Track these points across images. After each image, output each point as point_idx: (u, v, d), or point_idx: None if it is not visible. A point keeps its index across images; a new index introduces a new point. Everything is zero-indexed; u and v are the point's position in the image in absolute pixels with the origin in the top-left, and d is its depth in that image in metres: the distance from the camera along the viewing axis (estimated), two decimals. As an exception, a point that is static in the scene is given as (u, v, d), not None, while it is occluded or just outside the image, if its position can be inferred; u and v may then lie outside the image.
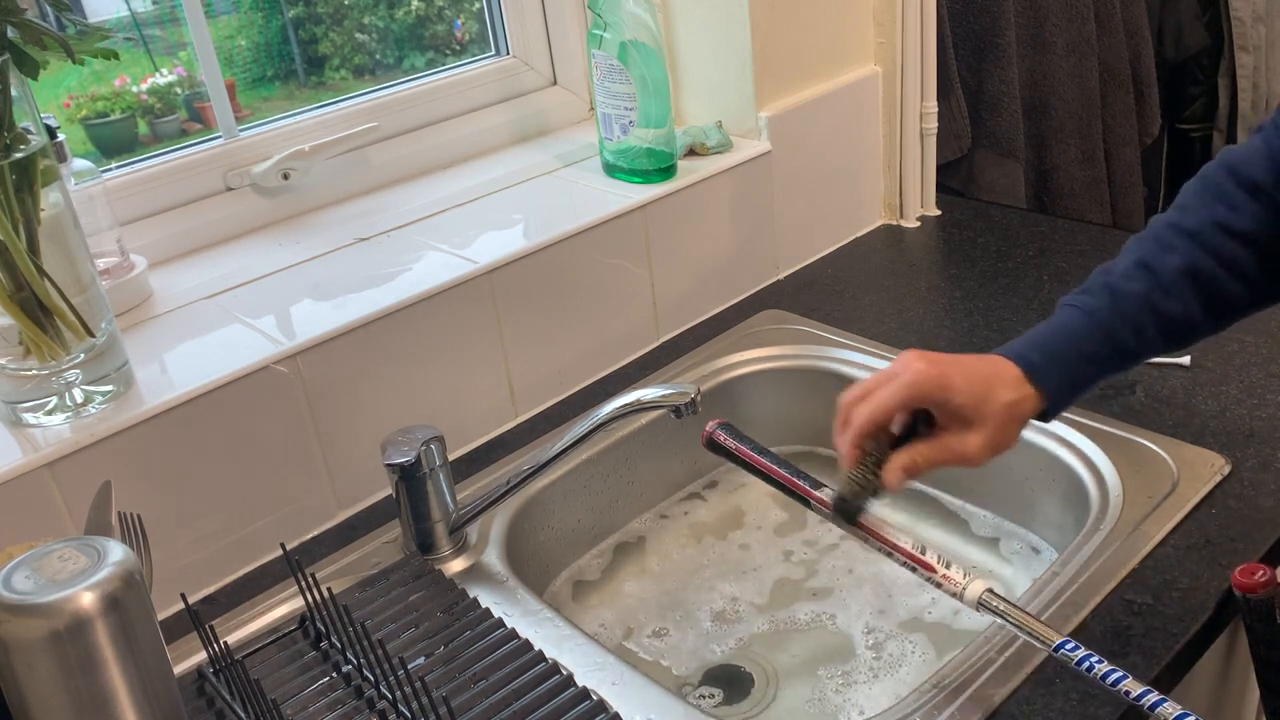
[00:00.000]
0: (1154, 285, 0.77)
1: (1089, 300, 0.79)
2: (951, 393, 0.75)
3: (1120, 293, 0.77)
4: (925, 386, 0.75)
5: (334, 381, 1.00)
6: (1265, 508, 0.92)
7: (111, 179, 1.11)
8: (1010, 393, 0.76)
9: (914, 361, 0.77)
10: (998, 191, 1.68)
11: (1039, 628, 0.73)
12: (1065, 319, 0.79)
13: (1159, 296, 0.77)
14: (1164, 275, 0.77)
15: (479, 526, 0.99)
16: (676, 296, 1.27)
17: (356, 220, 1.22)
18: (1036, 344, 0.79)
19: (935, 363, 0.76)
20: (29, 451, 0.86)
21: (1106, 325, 0.77)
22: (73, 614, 0.60)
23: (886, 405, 0.76)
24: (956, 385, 0.75)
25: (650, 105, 1.21)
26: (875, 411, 0.76)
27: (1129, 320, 0.77)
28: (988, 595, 0.74)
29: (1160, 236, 0.79)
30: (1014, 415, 0.76)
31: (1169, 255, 0.77)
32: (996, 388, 0.76)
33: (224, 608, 0.94)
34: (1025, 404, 0.77)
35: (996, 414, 0.75)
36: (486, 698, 0.79)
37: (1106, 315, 0.77)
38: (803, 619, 1.02)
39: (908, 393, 0.76)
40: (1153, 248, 0.78)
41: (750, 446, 0.84)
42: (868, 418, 0.76)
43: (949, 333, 1.22)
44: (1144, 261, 0.78)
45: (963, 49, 1.62)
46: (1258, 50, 2.07)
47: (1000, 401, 0.76)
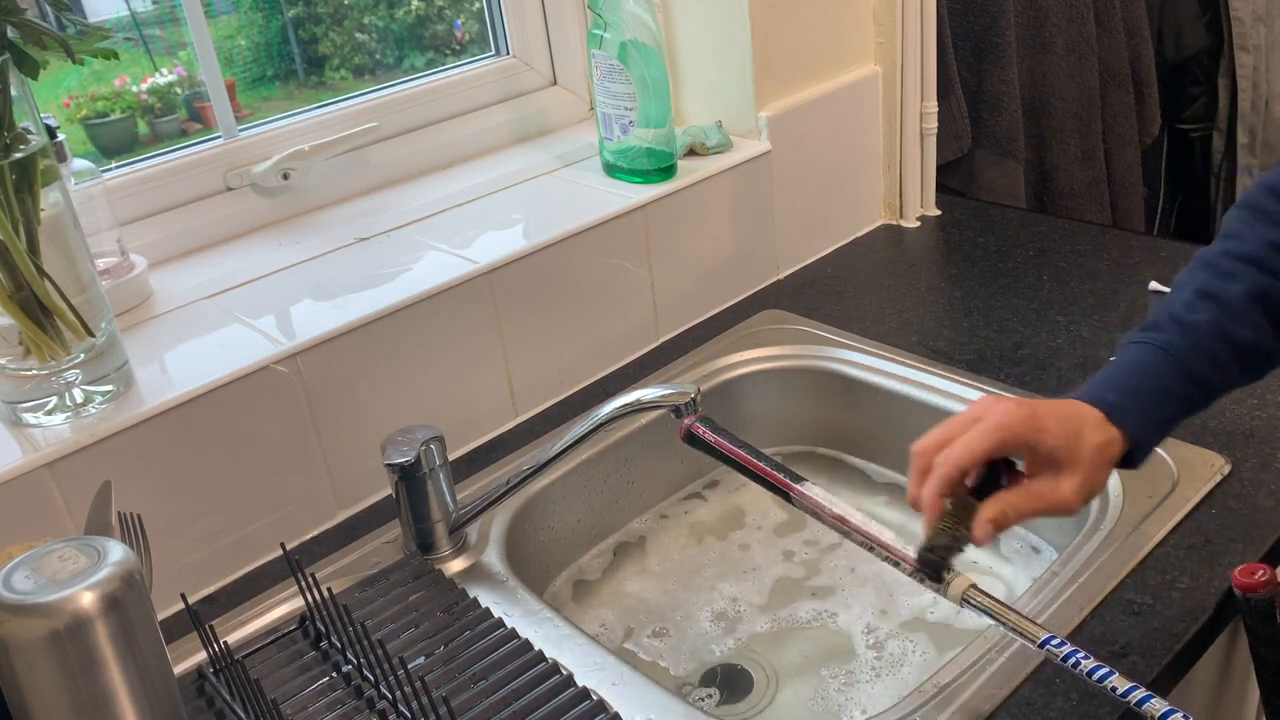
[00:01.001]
0: (1222, 313, 0.74)
1: (1157, 335, 0.75)
2: (1045, 434, 0.70)
3: (1188, 324, 0.74)
4: (1017, 428, 0.70)
5: (334, 381, 1.00)
6: (1265, 508, 0.92)
7: (111, 179, 1.11)
8: (1098, 434, 0.71)
9: (997, 403, 0.72)
10: (998, 191, 1.68)
11: (1023, 623, 0.70)
12: (1135, 356, 0.75)
13: (1229, 324, 0.73)
14: (1231, 303, 0.74)
15: (479, 526, 0.99)
16: (676, 296, 1.27)
17: (356, 220, 1.22)
18: (1111, 384, 0.74)
19: (1022, 404, 0.72)
20: (29, 451, 0.86)
21: (1181, 358, 0.73)
22: (73, 614, 0.60)
23: (977, 449, 0.70)
24: (1049, 426, 0.71)
25: (650, 105, 1.21)
26: (965, 455, 0.70)
27: (1203, 351, 0.73)
28: (971, 591, 0.71)
29: (1217, 265, 0.76)
30: (1105, 458, 0.72)
31: (1231, 283, 0.74)
32: (1086, 430, 0.71)
33: (224, 608, 0.94)
34: (1113, 446, 0.72)
35: (1089, 457, 0.71)
36: (486, 698, 0.79)
37: (1180, 348, 0.73)
38: (804, 618, 1.02)
39: (999, 435, 0.70)
40: (1211, 277, 0.75)
41: (729, 440, 0.82)
42: (956, 464, 0.70)
43: (949, 333, 1.22)
44: (1206, 291, 0.75)
45: (963, 49, 1.62)
46: (1258, 50, 2.07)
47: (1091, 443, 0.71)
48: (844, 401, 1.19)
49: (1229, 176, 2.17)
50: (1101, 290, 1.27)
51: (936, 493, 0.71)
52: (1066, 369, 1.13)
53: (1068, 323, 1.21)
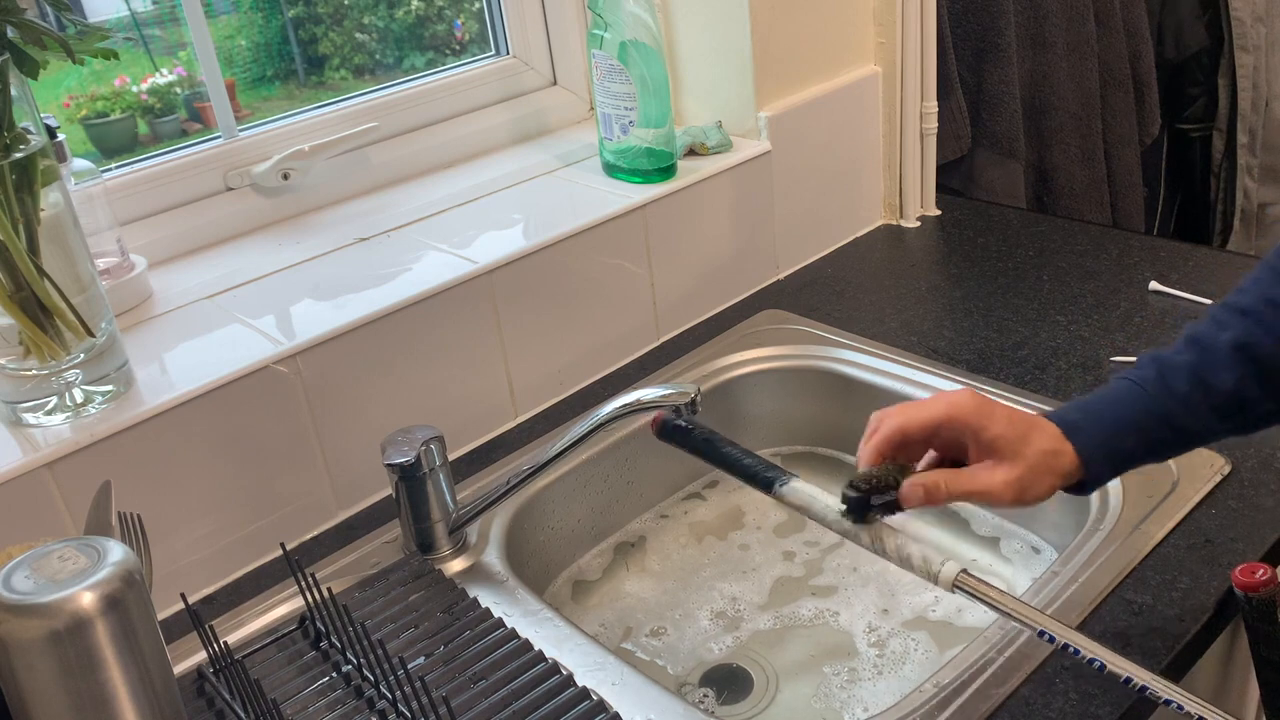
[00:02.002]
0: (1203, 357, 0.74)
1: (1136, 372, 0.77)
2: (990, 420, 0.73)
3: (1168, 364, 0.75)
4: (964, 409, 0.74)
5: (334, 381, 1.00)
6: (1265, 508, 0.92)
7: (111, 179, 1.11)
8: (1048, 442, 0.74)
9: (957, 390, 0.76)
10: (998, 191, 1.68)
11: (1019, 607, 0.71)
12: (1111, 388, 0.77)
13: (1208, 369, 0.74)
14: (1214, 349, 0.74)
15: (479, 526, 0.99)
16: (676, 296, 1.27)
17: (356, 220, 1.22)
18: (1078, 406, 0.77)
19: (980, 396, 0.75)
20: (29, 451, 0.86)
21: (1151, 394, 0.75)
22: (73, 614, 0.60)
23: (920, 417, 0.74)
24: (997, 415, 0.74)
25: (650, 105, 1.21)
26: (907, 421, 0.74)
27: (1175, 392, 0.74)
28: (963, 576, 0.71)
29: (1214, 315, 0.77)
30: (1049, 465, 0.74)
31: (1221, 331, 0.75)
32: (1035, 433, 0.74)
33: (224, 608, 0.94)
34: (1061, 459, 0.74)
35: (1031, 456, 0.73)
36: (486, 698, 0.79)
37: (1152, 385, 0.75)
38: (805, 618, 1.02)
39: (946, 411, 0.74)
40: (1205, 325, 0.76)
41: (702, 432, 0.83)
42: (897, 425, 0.74)
43: (949, 333, 1.22)
44: (1194, 337, 0.76)
45: (963, 49, 1.62)
46: (1258, 50, 2.07)
47: (1037, 446, 0.73)
48: (844, 401, 1.19)
49: (1229, 176, 2.17)
50: (1101, 290, 1.27)
51: (874, 446, 0.75)
52: (1066, 369, 1.13)
53: (1068, 323, 1.21)
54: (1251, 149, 2.14)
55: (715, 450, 0.82)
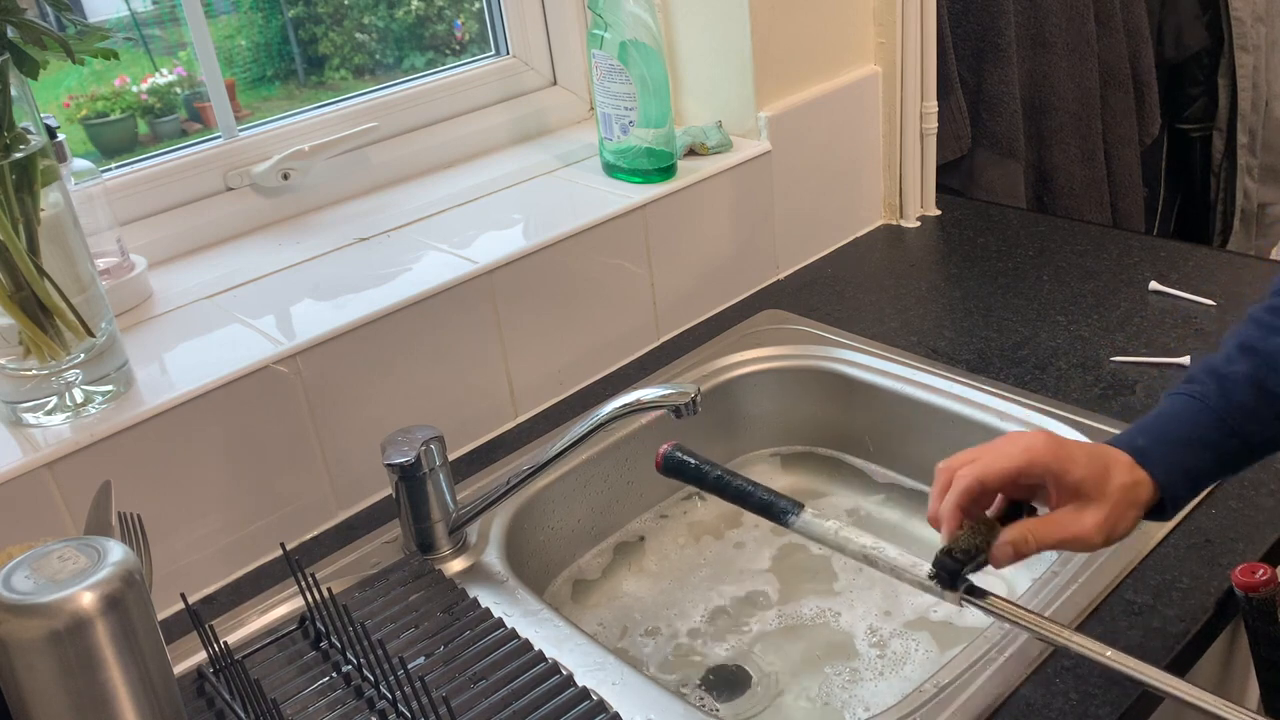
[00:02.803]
0: (1260, 365, 0.73)
1: (1193, 386, 0.75)
2: (1072, 464, 0.70)
3: (1225, 375, 0.74)
4: (1045, 455, 0.71)
5: (334, 381, 1.00)
6: (1265, 508, 0.92)
7: (111, 179, 1.11)
8: (1126, 475, 0.71)
9: (1028, 434, 0.73)
10: (998, 191, 1.68)
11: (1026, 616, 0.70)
12: (1170, 406, 0.75)
13: (1266, 376, 0.73)
14: (1271, 355, 0.73)
15: (479, 526, 0.99)
16: (676, 296, 1.27)
17: (356, 220, 1.22)
18: (1142, 430, 0.75)
19: (1052, 436, 0.72)
20: (29, 451, 0.86)
21: (1215, 408, 0.73)
22: (73, 614, 0.60)
23: (998, 468, 0.71)
24: (1077, 458, 0.71)
25: (650, 105, 1.21)
26: (987, 471, 0.71)
27: (1238, 403, 0.73)
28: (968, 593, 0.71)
29: (1260, 320, 0.76)
30: (1131, 499, 0.71)
31: (1272, 336, 0.74)
32: (1114, 468, 0.71)
33: (224, 608, 0.94)
34: (1141, 489, 0.72)
35: (1114, 494, 0.71)
36: (486, 698, 0.79)
37: (1214, 399, 0.73)
38: (806, 617, 1.02)
39: (1026, 458, 0.71)
40: (1254, 332, 0.75)
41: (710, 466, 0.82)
42: (977, 476, 0.71)
43: (949, 333, 1.22)
44: (1246, 345, 0.75)
45: (963, 49, 1.62)
46: (1258, 50, 2.07)
47: (1118, 482, 0.71)
48: (844, 401, 1.19)
49: (1229, 176, 2.17)
50: (1101, 290, 1.27)
51: (955, 503, 0.71)
52: (1066, 369, 1.13)
53: (1068, 323, 1.21)
54: (1251, 149, 2.14)
55: (721, 482, 0.81)
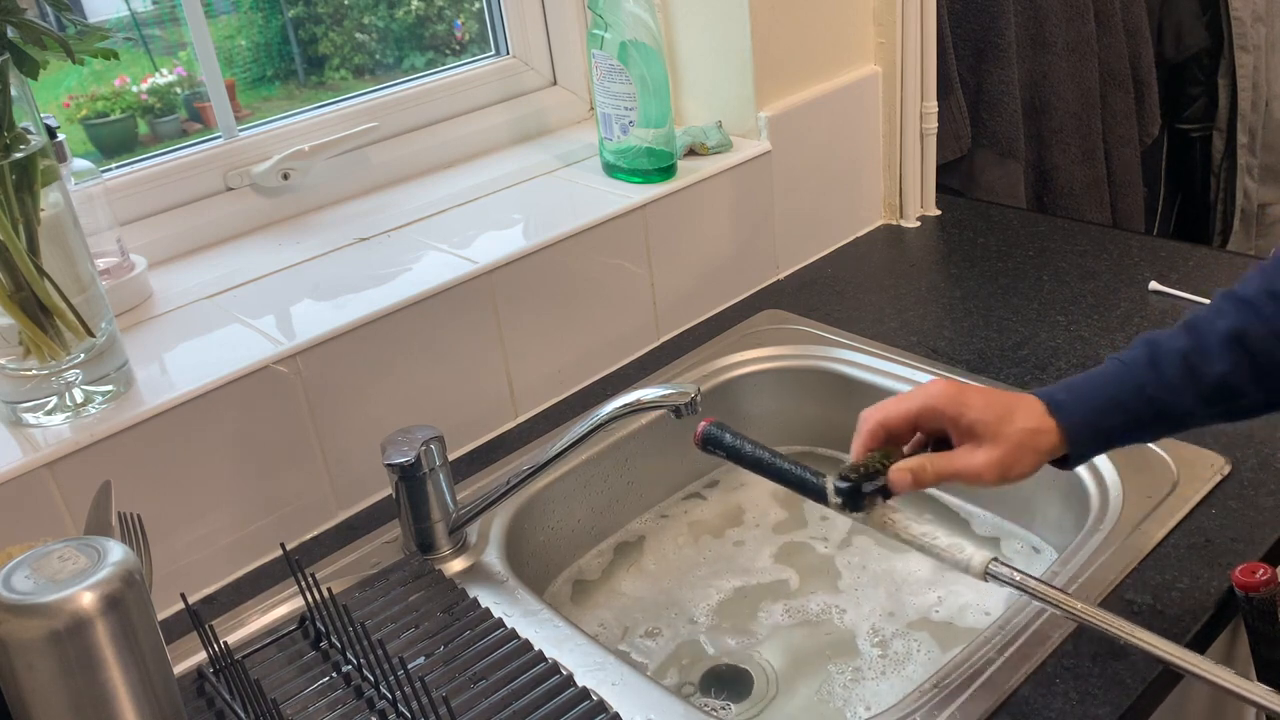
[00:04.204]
0: (1196, 344, 0.75)
1: (1128, 352, 0.78)
2: (966, 408, 0.76)
3: (1160, 348, 0.76)
4: (940, 400, 0.77)
5: (334, 381, 1.00)
6: (1265, 508, 0.92)
7: (111, 179, 1.11)
8: (1029, 420, 0.76)
9: (937, 380, 0.79)
10: (998, 191, 1.68)
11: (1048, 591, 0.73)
12: (1102, 369, 0.79)
13: (1199, 356, 0.75)
14: (1208, 335, 0.75)
15: (479, 526, 0.99)
16: (676, 296, 1.27)
17: (356, 220, 1.22)
18: (1066, 385, 0.79)
19: (955, 383, 0.79)
20: (29, 451, 0.86)
21: (1140, 376, 0.76)
22: (73, 614, 0.60)
23: (900, 410, 0.78)
24: (972, 402, 0.76)
25: (650, 105, 1.21)
26: (887, 415, 0.78)
27: (1164, 375, 0.75)
28: (994, 565, 0.74)
29: (1214, 304, 0.77)
30: (1030, 444, 0.76)
31: (1218, 319, 0.76)
32: (1016, 412, 0.76)
33: (224, 608, 0.94)
34: (1044, 436, 0.76)
35: (1011, 436, 0.75)
36: (486, 698, 0.79)
37: (1141, 367, 0.76)
38: (807, 617, 1.02)
39: (923, 401, 0.78)
40: (1203, 313, 0.77)
41: (747, 442, 0.84)
42: (879, 420, 0.79)
43: (949, 333, 1.22)
44: (1190, 324, 0.77)
45: (963, 49, 1.62)
46: (1258, 50, 2.07)
47: (1017, 425, 0.76)
48: (844, 401, 1.19)
49: (1229, 176, 2.17)
50: (1101, 290, 1.27)
51: (861, 442, 0.79)
52: (1066, 369, 1.13)
53: (1068, 323, 1.21)
54: (1251, 149, 2.14)
55: (758, 459, 0.83)
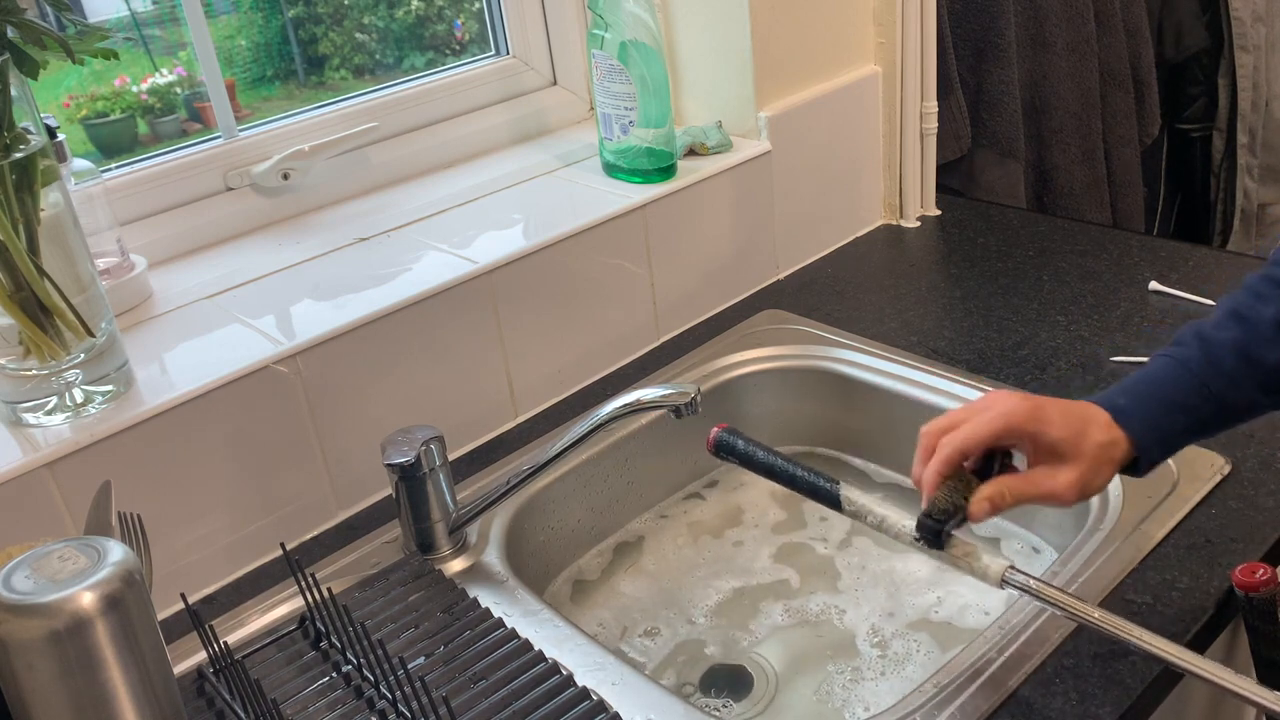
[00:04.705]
0: (1248, 333, 0.74)
1: (1180, 350, 0.77)
2: (1048, 425, 0.73)
3: (1212, 341, 0.75)
4: (1021, 418, 0.74)
5: (334, 381, 1.00)
6: (1265, 508, 0.92)
7: (111, 179, 1.11)
8: (1102, 434, 0.74)
9: (1007, 396, 0.75)
10: (998, 191, 1.68)
11: (1063, 599, 0.73)
12: (1155, 368, 0.77)
13: (1254, 344, 0.74)
14: (1259, 324, 0.74)
15: (479, 526, 0.99)
16: (676, 296, 1.27)
17: (356, 220, 1.22)
18: (1125, 390, 0.77)
19: (1029, 398, 0.75)
20: (29, 451, 0.86)
21: (1198, 373, 0.75)
22: (73, 614, 0.60)
23: (980, 434, 0.74)
24: (1053, 419, 0.74)
25: (650, 105, 1.21)
26: (967, 440, 0.74)
27: (1222, 369, 0.74)
28: (1010, 572, 0.74)
29: (1255, 288, 0.77)
30: (1107, 457, 0.74)
31: (1264, 305, 0.75)
32: (1090, 427, 0.74)
33: (224, 608, 0.94)
34: (1117, 448, 0.74)
35: (1090, 452, 0.73)
36: (486, 698, 0.79)
37: (1198, 363, 0.75)
38: (807, 617, 1.02)
39: (1004, 422, 0.74)
40: (1246, 299, 0.76)
41: (759, 448, 0.84)
42: (958, 446, 0.74)
43: (949, 333, 1.22)
44: (1236, 312, 0.76)
45: (963, 49, 1.62)
46: (1258, 50, 2.07)
47: (1094, 441, 0.74)
48: (844, 401, 1.19)
49: (1229, 176, 2.17)
50: (1101, 290, 1.27)
51: (938, 471, 0.74)
52: (1066, 369, 1.13)
53: (1068, 323, 1.21)
54: (1251, 149, 2.14)
55: (770, 465, 0.83)
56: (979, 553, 0.75)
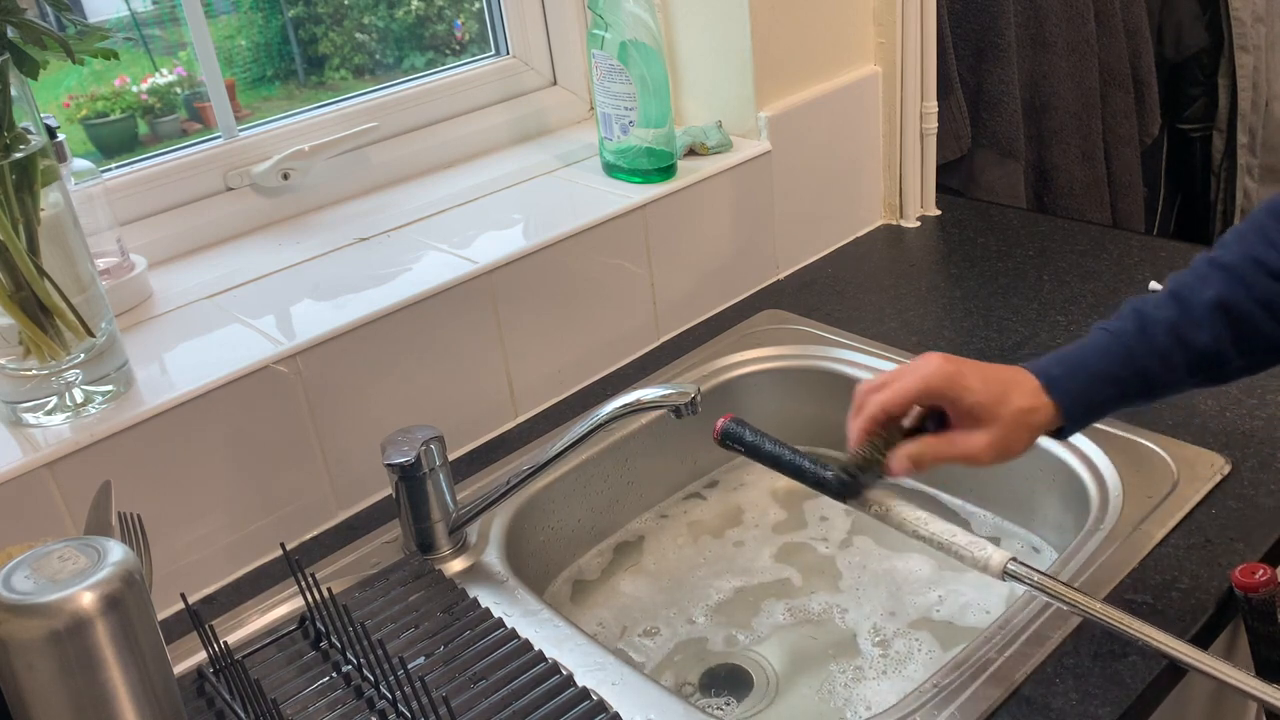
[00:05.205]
0: (1183, 314, 0.76)
1: (1117, 324, 0.79)
2: (965, 390, 0.77)
3: (1148, 318, 0.77)
4: (940, 382, 0.77)
5: (334, 381, 1.00)
6: (1265, 508, 0.92)
7: (111, 179, 1.11)
8: (1025, 400, 0.77)
9: (934, 359, 0.79)
10: (998, 191, 1.68)
11: (1065, 591, 0.74)
12: (1091, 340, 0.79)
13: (1187, 326, 0.76)
14: (1195, 306, 0.76)
15: (479, 526, 0.99)
16: (676, 296, 1.27)
17: (356, 220, 1.22)
18: (1058, 359, 0.79)
19: (954, 362, 0.78)
20: (29, 451, 0.86)
21: (1131, 348, 0.77)
22: (73, 614, 0.60)
23: (901, 395, 0.78)
24: (971, 384, 0.77)
25: (650, 105, 1.21)
26: (889, 399, 0.78)
27: (1154, 346, 0.76)
28: (1013, 564, 0.75)
29: (1197, 270, 0.78)
30: (1026, 422, 0.77)
31: (1203, 288, 0.77)
32: (1012, 392, 0.77)
33: (224, 608, 0.94)
34: (1039, 414, 0.77)
35: (1008, 417, 0.76)
36: (486, 698, 0.79)
37: (1131, 338, 0.77)
38: (808, 617, 1.02)
39: (923, 385, 0.77)
40: (1188, 280, 0.78)
41: (766, 439, 0.85)
42: (881, 405, 0.79)
43: (949, 333, 1.22)
44: (1176, 292, 0.78)
45: (963, 49, 1.62)
46: (1258, 50, 2.07)
47: (1014, 406, 0.77)
48: (844, 401, 1.18)
49: (1229, 176, 2.17)
50: (1101, 290, 1.27)
51: (861, 427, 0.79)
52: (1066, 369, 1.13)
53: (1068, 323, 1.21)
54: (1251, 149, 2.14)
55: (777, 456, 0.84)
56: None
